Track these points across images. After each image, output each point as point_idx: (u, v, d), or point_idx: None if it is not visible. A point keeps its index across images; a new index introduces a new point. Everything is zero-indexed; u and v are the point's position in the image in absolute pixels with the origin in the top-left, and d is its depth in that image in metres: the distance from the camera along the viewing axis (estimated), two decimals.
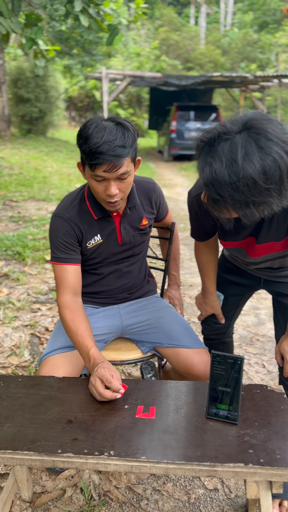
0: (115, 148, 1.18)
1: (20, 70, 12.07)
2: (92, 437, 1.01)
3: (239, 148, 0.88)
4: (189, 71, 21.50)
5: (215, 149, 0.92)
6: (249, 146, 0.88)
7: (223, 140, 0.92)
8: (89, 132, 1.20)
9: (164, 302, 1.64)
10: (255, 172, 0.87)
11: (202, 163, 0.95)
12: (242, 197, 0.89)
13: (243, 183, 0.87)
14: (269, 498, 1.06)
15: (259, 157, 0.87)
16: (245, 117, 0.94)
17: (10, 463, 1.00)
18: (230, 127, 0.93)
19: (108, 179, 1.23)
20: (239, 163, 0.87)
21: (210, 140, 0.94)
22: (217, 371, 1.06)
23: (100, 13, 3.59)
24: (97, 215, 1.39)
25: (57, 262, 1.36)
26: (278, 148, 0.88)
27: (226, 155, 0.89)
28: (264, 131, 0.89)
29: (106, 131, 1.19)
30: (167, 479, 1.50)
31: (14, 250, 3.70)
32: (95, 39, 10.17)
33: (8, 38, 3.52)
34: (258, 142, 0.88)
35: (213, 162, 0.91)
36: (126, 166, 1.23)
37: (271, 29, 25.07)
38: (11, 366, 2.17)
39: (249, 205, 0.91)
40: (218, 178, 0.90)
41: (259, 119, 0.92)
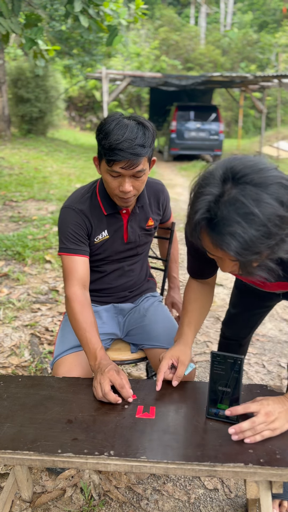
0: (135, 146, 1.19)
1: (20, 70, 12.08)
2: (92, 437, 1.02)
3: (244, 200, 0.82)
4: (189, 71, 21.50)
5: (223, 218, 0.83)
6: (250, 192, 0.83)
7: (221, 205, 0.84)
8: (110, 128, 1.21)
9: (153, 300, 1.63)
10: (274, 208, 0.82)
11: (219, 238, 0.85)
12: (276, 237, 0.84)
13: (271, 225, 0.82)
14: (269, 498, 1.06)
15: (266, 194, 0.82)
16: (219, 171, 0.87)
17: (10, 463, 1.00)
18: (214, 189, 0.86)
19: (123, 175, 1.25)
20: (256, 212, 0.81)
21: (209, 212, 0.86)
22: (217, 371, 1.06)
23: (100, 14, 3.59)
24: (107, 211, 1.39)
25: (67, 253, 1.35)
26: (272, 173, 0.85)
27: (238, 215, 0.82)
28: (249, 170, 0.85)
29: (128, 129, 1.20)
30: (167, 479, 1.50)
31: (14, 250, 3.70)
32: (95, 39, 10.17)
33: (8, 38, 3.52)
34: (252, 181, 0.84)
35: (231, 230, 0.83)
36: (143, 165, 1.24)
37: (271, 29, 25.07)
38: (11, 366, 2.17)
39: (285, 240, 0.85)
40: (249, 240, 0.82)
41: (234, 165, 0.87)
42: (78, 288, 1.32)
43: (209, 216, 0.86)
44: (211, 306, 2.93)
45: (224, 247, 0.85)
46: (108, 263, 1.49)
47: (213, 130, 11.55)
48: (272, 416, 1.00)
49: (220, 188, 0.85)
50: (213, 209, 0.85)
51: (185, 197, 7.17)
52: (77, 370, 1.32)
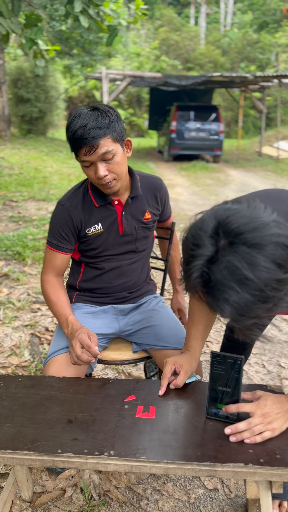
0: (88, 131, 1.24)
1: (20, 70, 12.08)
2: (92, 437, 1.02)
3: (238, 264, 0.77)
4: (189, 71, 21.50)
5: (217, 283, 0.79)
6: (243, 254, 0.77)
7: (215, 269, 0.79)
8: (68, 123, 1.29)
9: (158, 302, 1.62)
10: (271, 272, 0.77)
11: (214, 303, 0.81)
12: (274, 300, 0.79)
13: (268, 289, 0.77)
14: (269, 498, 1.06)
15: (262, 256, 0.76)
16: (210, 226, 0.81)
17: (10, 463, 1.00)
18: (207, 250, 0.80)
19: (94, 162, 1.29)
20: (251, 277, 0.76)
21: (203, 277, 0.81)
22: (217, 371, 1.06)
23: (100, 14, 3.59)
24: (98, 203, 1.43)
25: (49, 247, 1.46)
26: (269, 230, 0.78)
27: (233, 281, 0.77)
28: (243, 227, 0.79)
29: (81, 117, 1.26)
30: (167, 479, 1.50)
31: (14, 250, 3.70)
32: (95, 39, 10.17)
33: (8, 38, 3.52)
34: (247, 242, 0.77)
35: (226, 296, 0.78)
36: (106, 146, 1.27)
37: (271, 29, 25.08)
38: (11, 366, 2.17)
39: (283, 299, 0.81)
40: (243, 305, 0.78)
41: (227, 221, 0.80)
42: (51, 275, 1.47)
43: (204, 280, 0.81)
44: None
45: (218, 313, 0.82)
46: (106, 260, 1.49)
47: (213, 130, 11.55)
48: (269, 417, 1.00)
49: (212, 248, 0.80)
50: (206, 274, 0.80)
51: (185, 197, 7.17)
52: (67, 370, 1.31)
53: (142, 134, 21.41)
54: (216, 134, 11.56)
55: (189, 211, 6.10)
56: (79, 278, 1.56)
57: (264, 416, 1.00)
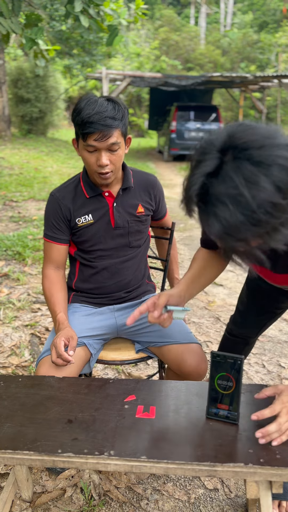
0: (105, 118, 1.27)
1: (20, 70, 12.08)
2: (92, 437, 1.02)
3: (235, 179, 0.73)
4: (189, 71, 21.50)
5: (210, 197, 0.76)
6: (245, 170, 0.73)
7: (213, 182, 0.76)
8: (81, 106, 1.30)
9: None
10: (268, 193, 0.72)
11: (204, 218, 0.78)
12: (267, 226, 0.74)
13: (261, 212, 0.72)
14: (269, 498, 1.06)
15: (263, 175, 0.72)
16: (220, 140, 0.79)
17: (10, 463, 1.00)
18: (211, 162, 0.77)
19: (99, 149, 1.32)
20: (245, 195, 0.72)
21: (202, 188, 0.78)
22: (217, 371, 1.06)
23: (100, 14, 3.59)
24: (89, 194, 1.45)
25: (45, 238, 1.49)
26: (277, 151, 0.74)
27: (226, 195, 0.73)
28: (251, 144, 0.75)
29: (97, 104, 1.29)
30: (167, 479, 1.50)
31: (14, 250, 3.70)
32: (95, 39, 10.17)
33: (8, 38, 3.52)
34: (251, 158, 0.73)
35: (217, 211, 0.75)
36: (116, 137, 1.31)
37: (271, 29, 25.08)
38: (11, 366, 2.17)
39: (278, 228, 0.76)
40: (232, 223, 0.74)
41: (236, 134, 0.77)
42: (50, 269, 1.49)
43: (201, 193, 0.78)
44: (211, 306, 2.94)
45: (206, 228, 0.79)
46: (99, 257, 1.49)
47: (213, 130, 11.54)
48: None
49: (217, 161, 0.77)
50: (206, 186, 0.77)
51: None
52: (57, 370, 1.31)
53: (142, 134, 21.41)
54: None
55: None
56: (75, 279, 1.56)
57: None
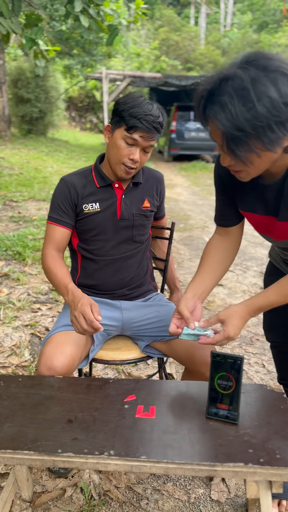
0: (158, 123, 1.37)
1: (20, 70, 12.08)
2: (92, 437, 1.02)
3: (244, 78, 0.86)
4: (189, 71, 21.49)
5: (220, 92, 0.89)
6: (253, 73, 0.86)
7: (224, 81, 0.89)
8: (138, 101, 1.36)
9: (163, 299, 1.64)
10: (268, 90, 0.85)
11: (211, 107, 0.90)
12: (263, 121, 0.86)
13: (261, 105, 0.85)
14: (269, 498, 1.06)
15: (266, 77, 0.85)
16: (238, 59, 0.93)
17: (10, 463, 1.00)
18: (227, 71, 0.91)
19: (137, 145, 1.38)
20: (250, 90, 0.85)
21: (212, 88, 0.91)
22: (217, 371, 1.06)
23: (100, 14, 3.59)
24: (100, 183, 1.48)
25: (49, 221, 1.49)
26: (281, 63, 0.87)
27: (233, 89, 0.86)
28: (260, 56, 0.89)
29: (153, 108, 1.37)
30: (167, 478, 1.50)
31: (14, 250, 3.70)
32: (95, 39, 10.17)
33: (8, 39, 3.52)
34: (259, 64, 0.87)
35: (223, 103, 0.88)
36: (154, 141, 1.40)
37: (271, 29, 25.09)
38: (11, 366, 2.17)
39: (272, 127, 0.87)
40: (234, 112, 0.86)
41: (252, 53, 0.92)
42: (52, 249, 1.48)
43: (212, 89, 0.91)
44: (211, 306, 2.93)
45: (211, 115, 0.91)
46: (102, 249, 1.50)
47: None
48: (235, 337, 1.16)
49: (231, 70, 0.90)
50: (217, 85, 0.91)
51: (185, 197, 7.17)
52: (64, 347, 1.31)
53: None
54: None
55: (189, 211, 6.11)
56: (77, 275, 1.57)
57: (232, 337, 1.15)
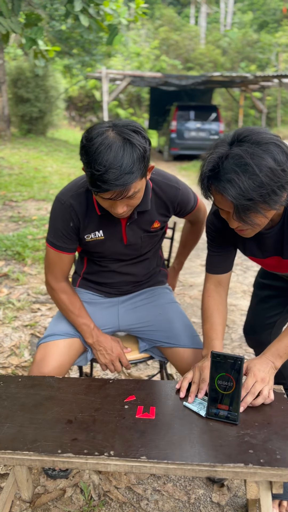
0: (121, 176, 1.06)
1: (20, 70, 12.06)
2: (92, 437, 1.01)
3: (242, 154, 0.98)
4: (189, 71, 21.48)
5: (224, 168, 1.00)
6: (249, 149, 0.98)
7: (224, 160, 1.00)
8: (92, 150, 1.08)
9: (168, 297, 1.58)
10: (267, 162, 0.97)
11: (220, 184, 1.00)
12: (268, 188, 0.97)
13: (263, 175, 0.96)
14: (269, 498, 1.06)
15: (262, 150, 0.98)
16: (228, 138, 1.04)
17: (10, 463, 1.00)
18: (222, 149, 1.02)
19: (115, 200, 1.15)
20: (251, 164, 0.96)
21: (214, 166, 1.02)
22: (217, 371, 1.06)
23: (100, 13, 3.59)
24: (101, 211, 1.31)
25: (54, 248, 1.37)
26: (270, 135, 1.01)
27: (236, 166, 0.98)
28: (250, 133, 1.01)
29: (112, 151, 1.06)
30: (167, 479, 1.50)
31: (14, 250, 3.70)
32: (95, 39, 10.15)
33: (8, 38, 3.52)
34: (252, 140, 0.99)
35: (230, 178, 0.98)
36: (134, 188, 1.13)
37: (271, 29, 25.06)
38: (11, 366, 2.17)
39: (276, 191, 0.99)
40: (243, 186, 0.97)
41: (240, 131, 1.04)
42: (62, 280, 1.42)
43: (214, 168, 1.02)
44: None
45: (222, 191, 1.00)
46: (109, 261, 1.47)
47: (213, 130, 11.55)
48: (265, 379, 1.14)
49: (227, 148, 1.02)
50: (218, 164, 1.01)
51: None
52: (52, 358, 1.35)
53: None
54: (216, 134, 11.56)
55: None
56: (83, 269, 1.56)
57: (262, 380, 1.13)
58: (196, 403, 1.13)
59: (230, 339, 2.52)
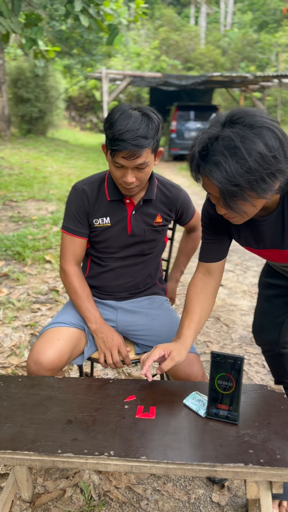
0: (137, 137, 1.22)
1: (20, 70, 12.07)
2: (92, 437, 1.01)
3: (233, 137, 0.92)
4: (189, 71, 21.49)
5: (212, 150, 0.95)
6: (241, 131, 0.92)
7: (214, 141, 0.95)
8: (114, 118, 1.25)
9: (165, 305, 1.60)
10: (258, 146, 0.91)
11: (207, 167, 0.96)
12: (256, 174, 0.92)
13: (252, 160, 0.91)
14: (269, 498, 1.06)
15: (254, 134, 0.92)
16: (222, 118, 0.99)
17: (10, 463, 1.00)
18: (214, 130, 0.97)
19: (126, 167, 1.28)
20: (240, 147, 0.91)
21: (203, 147, 0.97)
22: (217, 371, 1.06)
23: (100, 13, 3.59)
24: (111, 197, 1.44)
25: (68, 232, 1.47)
26: (265, 119, 0.95)
27: (225, 148, 0.93)
28: (244, 114, 0.95)
29: (131, 119, 1.23)
30: (167, 479, 1.50)
31: (14, 250, 3.70)
32: (95, 39, 10.16)
33: (8, 38, 3.52)
34: (245, 122, 0.94)
35: (217, 161, 0.93)
36: (145, 157, 1.27)
37: (271, 29, 25.07)
38: (11, 366, 2.17)
39: (265, 179, 0.93)
40: (229, 170, 0.92)
41: (235, 111, 0.98)
42: (74, 264, 1.49)
43: (202, 150, 0.97)
44: None
45: (207, 174, 0.96)
46: (111, 258, 1.49)
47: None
48: None
49: (219, 130, 0.96)
50: (207, 145, 0.96)
51: None
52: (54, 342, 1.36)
53: None
54: None
55: None
56: (85, 273, 1.59)
57: None
58: (196, 402, 1.13)
59: (230, 339, 2.52)
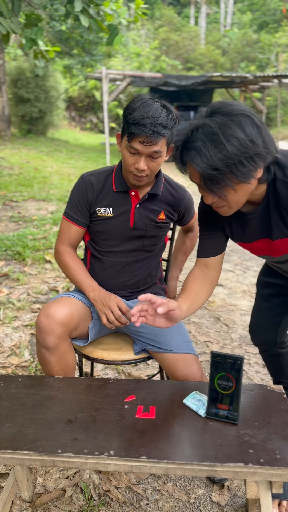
0: (157, 124, 1.26)
1: (20, 70, 12.07)
2: (92, 437, 1.02)
3: (211, 124, 0.98)
4: (189, 71, 21.49)
5: (193, 140, 1.00)
6: (219, 119, 0.98)
7: (195, 131, 1.01)
8: (136, 105, 1.29)
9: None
10: (235, 132, 0.96)
11: (188, 153, 1.02)
12: (235, 158, 0.96)
13: (230, 145, 0.96)
14: (269, 498, 1.06)
15: (231, 120, 0.97)
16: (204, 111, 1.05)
17: (10, 463, 1.00)
18: (195, 121, 1.03)
19: (140, 153, 1.31)
20: (219, 134, 0.96)
21: (186, 137, 1.03)
22: (217, 371, 1.06)
23: (100, 13, 3.59)
24: (117, 188, 1.46)
25: (66, 218, 1.52)
26: (242, 107, 1.01)
27: (204, 135, 0.98)
28: (223, 105, 1.02)
29: (152, 108, 1.27)
30: (167, 479, 1.50)
31: (14, 250, 3.70)
32: (95, 39, 10.16)
33: (8, 38, 3.52)
34: (223, 110, 1.00)
35: (198, 148, 0.98)
36: (160, 146, 1.31)
37: (271, 29, 25.07)
38: (11, 366, 2.17)
39: (243, 162, 0.97)
40: (209, 155, 0.97)
41: (215, 103, 1.04)
42: (66, 245, 1.53)
43: (185, 138, 1.03)
44: (211, 306, 2.94)
45: (189, 160, 1.01)
46: (111, 252, 1.49)
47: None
48: None
49: (201, 121, 1.02)
50: (189, 134, 1.02)
51: None
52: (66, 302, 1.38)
53: None
54: None
55: None
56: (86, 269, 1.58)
57: None
58: (196, 402, 1.13)
59: (230, 339, 2.52)
